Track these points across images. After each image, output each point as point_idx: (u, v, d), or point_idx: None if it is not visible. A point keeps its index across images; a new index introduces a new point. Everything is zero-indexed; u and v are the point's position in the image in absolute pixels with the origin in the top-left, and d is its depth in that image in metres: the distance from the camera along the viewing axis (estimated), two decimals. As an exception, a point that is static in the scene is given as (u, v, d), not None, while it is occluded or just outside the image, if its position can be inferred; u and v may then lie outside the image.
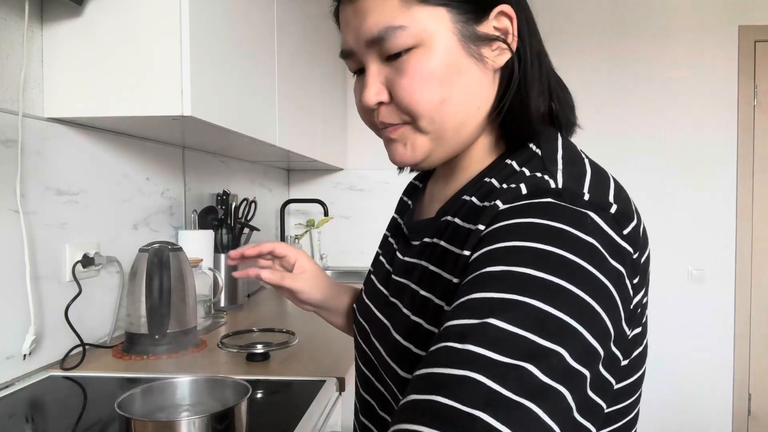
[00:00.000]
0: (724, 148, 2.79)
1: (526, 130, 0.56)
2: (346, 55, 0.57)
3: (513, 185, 0.50)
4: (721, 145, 2.79)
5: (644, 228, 0.51)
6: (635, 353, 0.54)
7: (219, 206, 1.93)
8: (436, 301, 0.54)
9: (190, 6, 1.13)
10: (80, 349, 1.23)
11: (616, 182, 0.51)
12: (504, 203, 0.48)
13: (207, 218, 1.87)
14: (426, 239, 0.60)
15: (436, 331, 0.52)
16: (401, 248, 0.67)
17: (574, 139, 0.60)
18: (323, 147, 2.43)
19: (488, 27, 0.54)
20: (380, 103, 0.55)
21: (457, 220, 0.55)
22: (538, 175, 0.50)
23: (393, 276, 0.66)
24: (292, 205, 2.97)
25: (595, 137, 2.82)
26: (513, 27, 0.54)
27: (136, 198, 1.54)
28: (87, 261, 1.29)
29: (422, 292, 0.56)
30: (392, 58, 0.53)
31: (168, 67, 1.13)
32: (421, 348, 0.54)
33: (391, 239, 0.74)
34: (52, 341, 1.21)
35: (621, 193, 0.50)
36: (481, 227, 0.49)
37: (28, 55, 1.14)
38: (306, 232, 2.91)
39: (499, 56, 0.54)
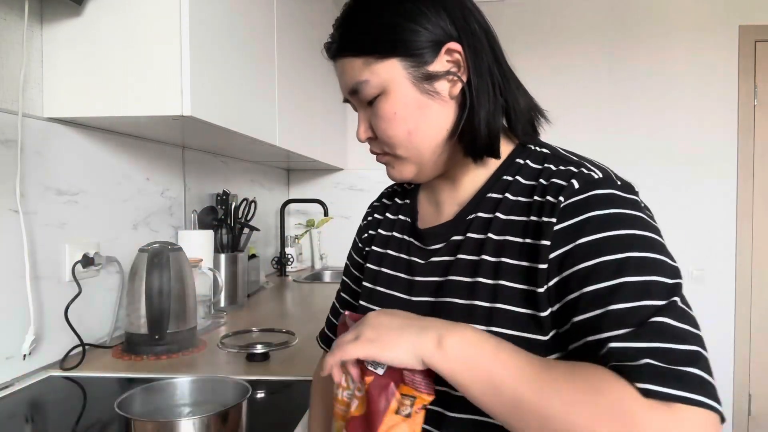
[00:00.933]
0: (724, 148, 2.79)
1: (483, 143, 0.66)
2: (346, 100, 0.72)
3: (572, 173, 0.62)
4: (721, 145, 2.79)
5: None
6: None
7: (219, 206, 1.93)
8: (511, 261, 0.62)
9: (190, 6, 1.13)
10: (80, 349, 1.23)
11: None
12: (566, 199, 0.59)
13: (207, 218, 1.87)
14: (455, 237, 0.69)
15: (520, 286, 0.61)
16: (418, 255, 0.73)
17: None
18: (323, 147, 2.43)
19: (440, 64, 0.65)
20: (369, 138, 0.70)
21: (499, 214, 0.65)
22: (584, 171, 0.61)
23: (418, 278, 0.71)
24: (292, 205, 2.97)
25: (595, 136, 2.82)
26: (462, 59, 0.64)
27: (136, 198, 1.54)
28: (87, 261, 1.29)
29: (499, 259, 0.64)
30: (370, 103, 0.67)
31: (168, 67, 1.13)
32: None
33: (393, 252, 0.76)
34: (51, 341, 1.21)
35: None
36: (552, 220, 0.59)
37: (28, 55, 1.14)
38: (306, 232, 2.91)
39: (453, 87, 0.65)
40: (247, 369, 1.19)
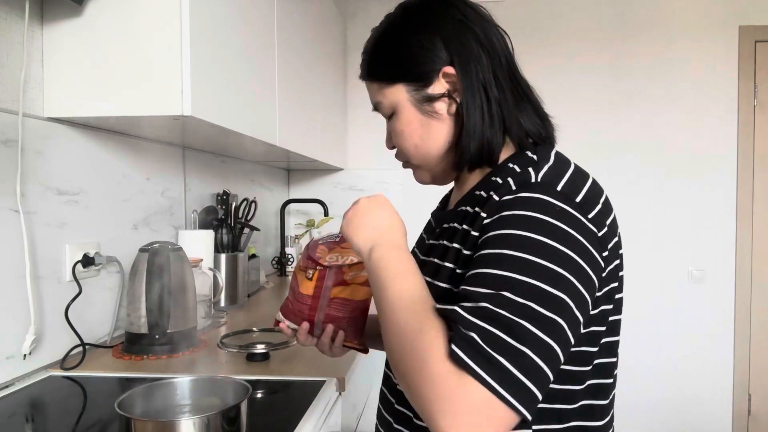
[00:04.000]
0: (724, 148, 2.79)
1: (473, 155, 0.74)
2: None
3: (507, 179, 0.68)
4: (721, 145, 2.79)
5: (614, 217, 0.69)
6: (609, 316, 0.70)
7: (219, 206, 1.93)
8: (454, 246, 0.72)
9: (190, 6, 1.13)
10: (80, 348, 1.23)
11: (593, 182, 0.69)
12: (499, 197, 0.66)
13: (207, 218, 1.87)
14: (444, 225, 0.78)
15: (450, 265, 0.71)
16: (427, 236, 0.87)
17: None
18: (323, 147, 2.43)
19: (439, 87, 0.73)
20: (393, 147, 0.82)
21: (468, 208, 0.73)
22: (529, 170, 0.67)
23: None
24: (292, 205, 2.97)
25: (596, 137, 2.82)
26: (457, 81, 0.72)
27: (136, 198, 1.54)
28: (87, 261, 1.29)
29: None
30: (389, 119, 0.79)
31: (168, 66, 1.13)
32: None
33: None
34: (52, 341, 1.21)
35: (594, 189, 0.67)
36: (484, 215, 0.66)
37: (28, 55, 1.14)
38: (306, 232, 2.91)
39: (450, 106, 0.74)
40: (247, 369, 1.19)
